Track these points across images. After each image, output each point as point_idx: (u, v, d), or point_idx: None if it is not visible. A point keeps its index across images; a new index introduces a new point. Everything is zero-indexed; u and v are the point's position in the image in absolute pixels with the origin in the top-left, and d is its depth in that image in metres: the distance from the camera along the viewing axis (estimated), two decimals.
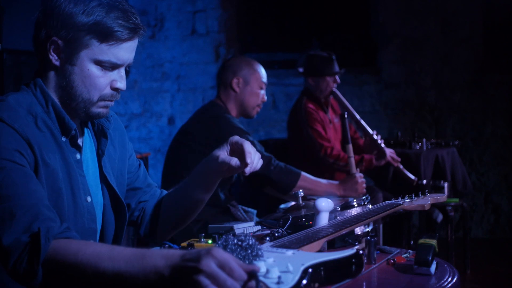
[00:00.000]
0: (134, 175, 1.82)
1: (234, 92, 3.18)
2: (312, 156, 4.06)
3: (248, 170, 1.63)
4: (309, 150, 4.07)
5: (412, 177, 4.10)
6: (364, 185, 3.02)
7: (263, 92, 3.23)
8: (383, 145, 4.09)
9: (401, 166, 4.12)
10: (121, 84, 1.57)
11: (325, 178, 3.25)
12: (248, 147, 1.63)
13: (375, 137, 4.11)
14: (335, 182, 3.10)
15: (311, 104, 4.17)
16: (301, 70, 4.32)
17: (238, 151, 1.65)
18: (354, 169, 2.92)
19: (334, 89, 4.27)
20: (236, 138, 1.67)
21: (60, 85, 1.55)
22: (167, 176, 3.19)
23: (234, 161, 1.64)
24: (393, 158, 4.08)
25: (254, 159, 1.64)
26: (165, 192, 1.88)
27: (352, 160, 2.93)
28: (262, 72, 3.25)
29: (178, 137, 3.18)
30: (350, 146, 2.89)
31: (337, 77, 4.26)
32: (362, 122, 4.24)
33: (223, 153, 1.67)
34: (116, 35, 1.51)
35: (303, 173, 3.03)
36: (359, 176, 3.05)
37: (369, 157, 4.04)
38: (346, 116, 3.00)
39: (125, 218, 1.71)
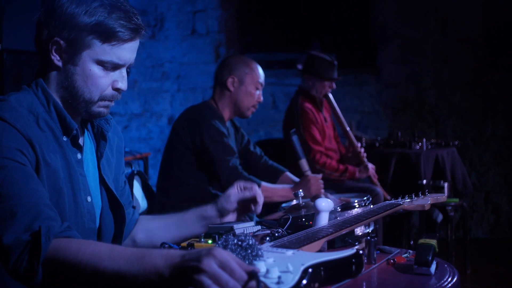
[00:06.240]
0: (122, 191, 1.81)
1: (228, 92, 3.17)
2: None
3: (259, 210, 1.79)
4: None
5: (388, 197, 4.09)
6: (322, 185, 3.03)
7: (258, 92, 3.20)
8: (365, 159, 4.11)
9: (379, 184, 4.14)
10: (123, 85, 1.58)
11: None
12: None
13: (358, 149, 4.13)
14: (289, 186, 3.07)
15: (307, 103, 4.16)
16: (300, 67, 4.30)
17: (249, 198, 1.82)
18: (305, 169, 3.00)
19: (329, 94, 4.27)
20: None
21: (62, 85, 1.55)
22: (162, 174, 3.18)
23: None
24: (373, 175, 4.12)
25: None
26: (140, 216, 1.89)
27: (304, 161, 3.01)
28: (259, 72, 3.21)
29: (170, 136, 3.18)
30: (304, 161, 3.06)
31: (333, 84, 4.26)
32: (350, 133, 4.23)
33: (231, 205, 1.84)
34: (118, 36, 1.51)
35: (263, 183, 3.03)
36: (313, 177, 3.05)
37: (353, 170, 4.07)
38: (294, 133, 3.14)
39: (124, 219, 1.71)
